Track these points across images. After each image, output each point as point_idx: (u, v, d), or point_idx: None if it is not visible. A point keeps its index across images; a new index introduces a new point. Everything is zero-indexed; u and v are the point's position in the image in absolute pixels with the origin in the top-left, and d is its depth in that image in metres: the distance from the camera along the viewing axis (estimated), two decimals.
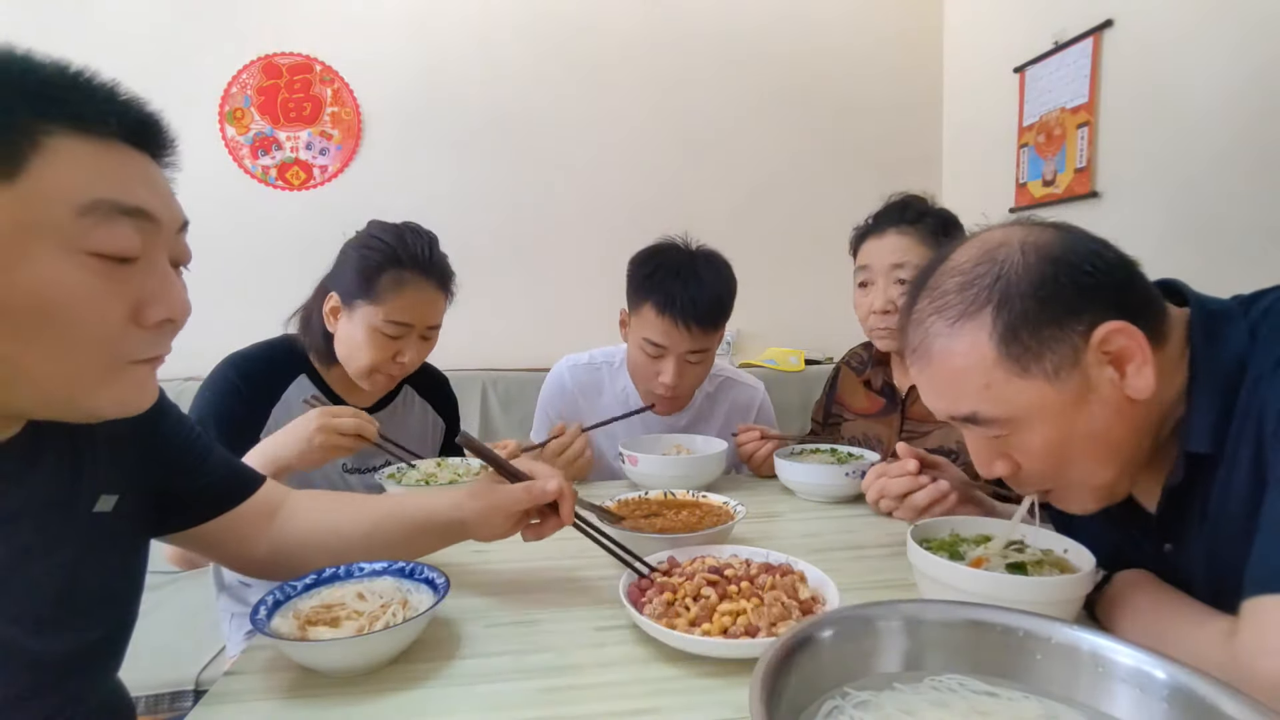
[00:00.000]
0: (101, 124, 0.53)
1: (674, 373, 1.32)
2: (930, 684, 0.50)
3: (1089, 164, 1.97)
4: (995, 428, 0.66)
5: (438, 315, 1.24)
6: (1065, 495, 0.70)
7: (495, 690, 0.62)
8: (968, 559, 0.72)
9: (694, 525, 0.94)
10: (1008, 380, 0.63)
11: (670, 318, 1.28)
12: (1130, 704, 0.47)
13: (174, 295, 0.57)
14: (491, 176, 2.56)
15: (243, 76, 2.41)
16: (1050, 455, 0.65)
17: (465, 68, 2.51)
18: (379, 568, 0.76)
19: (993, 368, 0.64)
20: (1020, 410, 0.64)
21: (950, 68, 2.73)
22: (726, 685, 0.61)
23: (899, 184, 1.42)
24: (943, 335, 0.66)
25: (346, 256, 1.22)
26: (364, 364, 1.19)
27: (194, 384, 2.22)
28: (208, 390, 1.20)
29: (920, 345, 0.69)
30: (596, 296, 2.55)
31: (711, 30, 2.63)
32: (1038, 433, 0.64)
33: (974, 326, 0.64)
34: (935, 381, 0.69)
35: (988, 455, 0.69)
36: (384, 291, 1.16)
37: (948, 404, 0.69)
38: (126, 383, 0.56)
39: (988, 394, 0.64)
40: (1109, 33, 1.90)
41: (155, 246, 0.56)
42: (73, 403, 0.55)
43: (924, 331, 0.68)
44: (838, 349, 1.41)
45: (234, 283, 2.42)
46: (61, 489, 0.62)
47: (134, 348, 0.56)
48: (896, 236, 1.27)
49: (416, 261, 1.18)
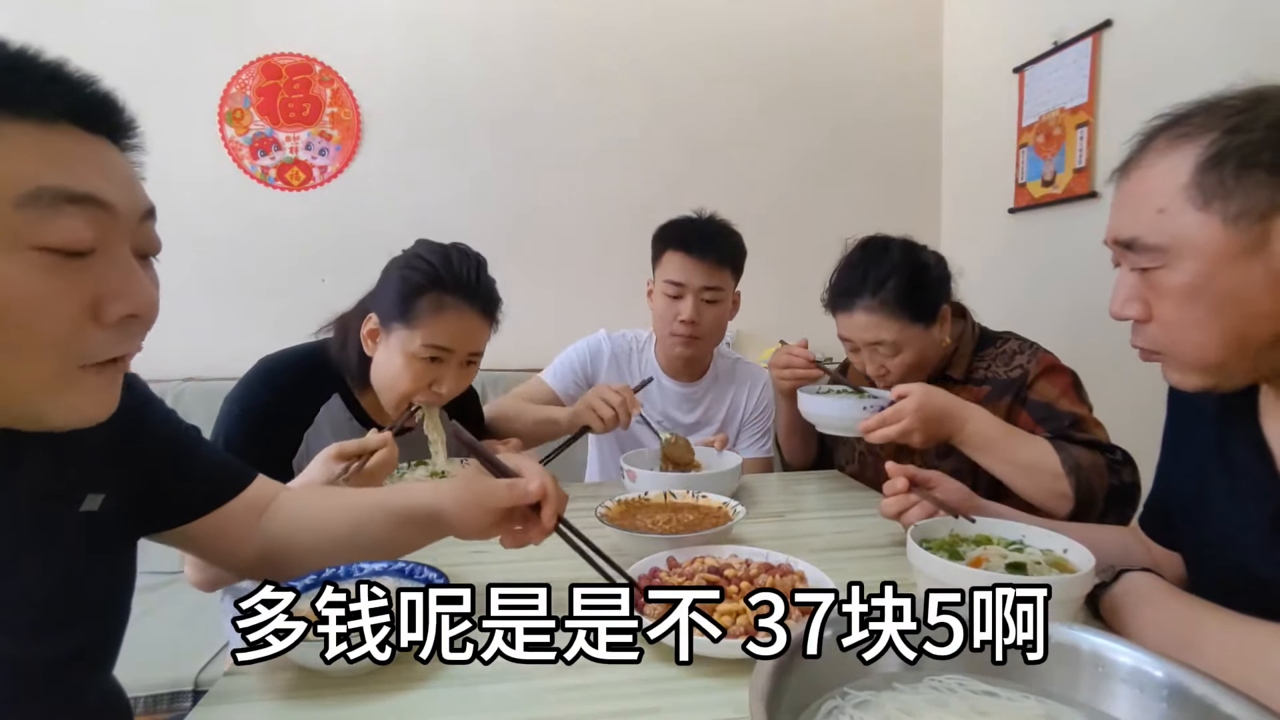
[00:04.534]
0: (42, 105, 0.48)
1: (692, 308, 1.47)
2: (930, 684, 0.50)
3: (1088, 164, 1.97)
4: (1148, 257, 0.65)
5: (480, 342, 1.16)
6: (1173, 360, 0.68)
7: (495, 690, 0.62)
8: (967, 559, 0.72)
9: (694, 526, 0.94)
10: (1183, 210, 0.62)
11: (685, 251, 1.46)
12: (1130, 704, 0.47)
13: (136, 288, 0.52)
14: (491, 177, 2.56)
15: (242, 77, 2.40)
16: (1185, 302, 0.63)
17: (465, 68, 2.51)
18: (379, 567, 0.76)
19: (1176, 193, 0.62)
20: (1180, 242, 0.62)
21: (950, 68, 2.73)
22: (726, 685, 0.61)
23: (898, 183, 1.43)
24: (1156, 150, 0.65)
25: (388, 277, 1.15)
26: (398, 393, 1.12)
27: (194, 384, 2.25)
28: (237, 404, 1.12)
29: (1130, 159, 0.69)
30: (597, 297, 2.56)
31: (711, 30, 2.63)
32: (1185, 272, 0.63)
33: (1189, 148, 0.62)
34: (1120, 198, 0.69)
35: (1127, 292, 0.69)
36: (422, 315, 1.09)
37: (1117, 224, 0.68)
38: (81, 389, 0.52)
39: (1157, 219, 0.64)
40: (1109, 33, 1.90)
41: (113, 237, 0.51)
42: (22, 411, 0.51)
43: (1144, 148, 0.67)
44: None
45: (233, 283, 2.42)
46: (46, 489, 0.60)
47: (93, 348, 0.51)
48: (864, 315, 1.25)
49: (460, 284, 1.11)
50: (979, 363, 1.29)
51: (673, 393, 1.61)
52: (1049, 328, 2.07)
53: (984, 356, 1.29)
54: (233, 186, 2.42)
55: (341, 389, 1.20)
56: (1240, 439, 0.71)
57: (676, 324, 1.48)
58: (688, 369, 1.62)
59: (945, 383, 1.28)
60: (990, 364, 1.27)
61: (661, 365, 1.61)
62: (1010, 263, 2.32)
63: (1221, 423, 0.74)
